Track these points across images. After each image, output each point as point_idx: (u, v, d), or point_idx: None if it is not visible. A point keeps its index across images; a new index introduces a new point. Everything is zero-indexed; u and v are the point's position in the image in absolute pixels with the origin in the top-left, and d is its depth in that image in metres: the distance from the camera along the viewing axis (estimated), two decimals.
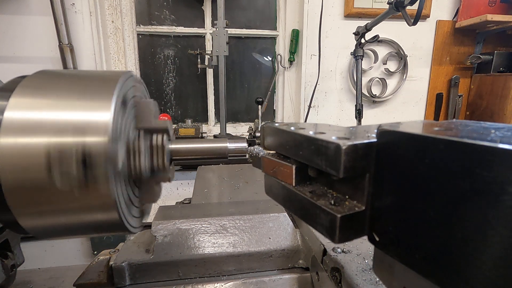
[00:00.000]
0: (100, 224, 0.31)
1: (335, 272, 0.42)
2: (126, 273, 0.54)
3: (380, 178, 0.22)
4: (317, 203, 0.24)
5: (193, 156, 0.41)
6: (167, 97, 2.45)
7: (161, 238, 0.56)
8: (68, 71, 0.36)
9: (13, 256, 0.56)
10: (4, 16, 1.92)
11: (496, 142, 0.15)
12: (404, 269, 0.22)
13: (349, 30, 2.04)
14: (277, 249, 0.58)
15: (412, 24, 1.45)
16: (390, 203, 0.21)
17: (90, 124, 0.27)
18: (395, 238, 0.21)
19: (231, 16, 2.32)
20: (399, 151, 0.20)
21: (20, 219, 0.28)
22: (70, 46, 1.93)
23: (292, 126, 0.29)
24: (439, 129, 0.19)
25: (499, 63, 2.28)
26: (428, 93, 2.51)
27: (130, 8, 2.23)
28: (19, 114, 0.27)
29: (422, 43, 2.43)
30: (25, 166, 0.26)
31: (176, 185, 2.31)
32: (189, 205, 0.78)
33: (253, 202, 0.70)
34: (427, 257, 0.18)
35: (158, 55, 2.37)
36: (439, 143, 0.17)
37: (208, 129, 2.51)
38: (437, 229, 0.17)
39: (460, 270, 0.16)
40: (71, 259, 2.25)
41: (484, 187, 0.15)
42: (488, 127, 0.20)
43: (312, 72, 2.34)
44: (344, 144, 0.21)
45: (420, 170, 0.18)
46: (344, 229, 0.22)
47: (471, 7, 2.28)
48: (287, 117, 2.57)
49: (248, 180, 1.09)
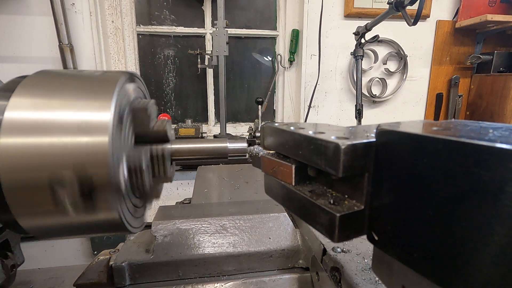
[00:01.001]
0: (100, 224, 0.31)
1: (335, 272, 0.42)
2: (126, 273, 0.54)
3: (379, 178, 0.22)
4: (316, 202, 0.24)
5: (193, 156, 0.41)
6: (167, 97, 2.45)
7: (161, 238, 0.56)
8: (68, 71, 0.36)
9: (13, 256, 0.56)
10: (4, 16, 1.92)
11: (494, 141, 0.15)
12: (403, 268, 0.22)
13: (349, 30, 2.04)
14: (277, 249, 0.58)
15: (412, 24, 1.45)
16: (389, 202, 0.21)
17: (90, 125, 0.27)
18: (394, 237, 0.21)
19: (231, 16, 2.32)
20: (398, 151, 0.20)
21: (20, 219, 0.28)
22: (70, 46, 1.93)
23: (291, 126, 0.29)
24: (437, 128, 0.19)
25: (499, 63, 2.28)
26: (428, 93, 2.51)
27: (130, 8, 2.23)
28: (19, 114, 0.27)
29: (422, 43, 2.43)
30: (25, 166, 0.26)
31: (176, 185, 2.32)
32: (189, 205, 0.78)
33: (253, 202, 0.70)
34: (426, 256, 0.18)
35: (158, 55, 2.37)
36: (438, 143, 0.17)
37: (208, 129, 2.51)
38: (436, 228, 0.17)
39: (458, 269, 0.16)
40: (71, 259, 2.26)
41: (482, 186, 0.15)
42: (486, 126, 0.20)
43: (312, 72, 2.34)
44: (343, 143, 0.21)
45: (419, 170, 0.18)
46: (343, 228, 0.22)
47: (471, 7, 2.28)
48: (287, 117, 2.57)
49: (248, 180, 1.09)
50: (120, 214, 0.30)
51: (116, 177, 0.29)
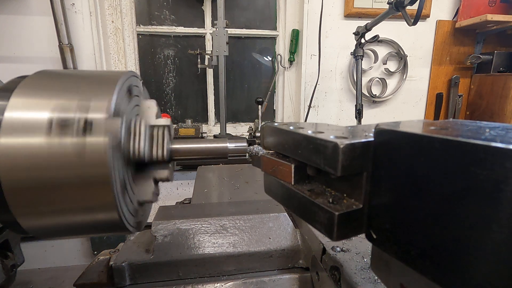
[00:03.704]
0: (100, 224, 0.31)
1: (334, 271, 0.42)
2: (126, 273, 0.54)
3: (377, 177, 0.22)
4: (315, 201, 0.24)
5: (193, 156, 0.41)
6: (167, 97, 2.45)
7: (161, 238, 0.56)
8: (68, 71, 0.36)
9: (13, 256, 0.56)
10: (4, 16, 1.92)
11: (491, 140, 0.15)
12: (401, 267, 0.22)
13: (349, 30, 2.04)
14: (277, 249, 0.58)
15: (412, 24, 1.45)
16: (387, 201, 0.21)
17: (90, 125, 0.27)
18: (392, 235, 0.21)
19: (231, 16, 2.32)
20: (396, 150, 0.20)
21: (20, 219, 0.28)
22: (70, 46, 1.93)
23: (291, 126, 0.29)
24: (435, 128, 0.20)
25: (499, 63, 2.28)
26: (428, 93, 2.51)
27: (130, 8, 2.23)
28: (19, 114, 0.27)
29: (422, 43, 2.43)
30: (25, 166, 0.26)
31: (176, 185, 2.32)
32: (189, 205, 0.78)
33: (253, 202, 0.70)
34: (423, 254, 0.18)
35: (158, 55, 2.37)
36: (435, 142, 0.17)
37: (208, 129, 2.51)
38: (434, 227, 0.18)
39: (456, 267, 0.17)
40: (71, 259, 2.25)
41: (479, 185, 0.15)
42: (483, 126, 0.20)
43: (312, 72, 2.34)
44: (342, 143, 0.21)
45: (417, 169, 0.18)
46: (342, 227, 0.22)
47: (471, 7, 2.28)
48: (287, 117, 2.57)
49: (248, 180, 1.09)
50: (120, 214, 0.30)
51: (116, 176, 0.29)
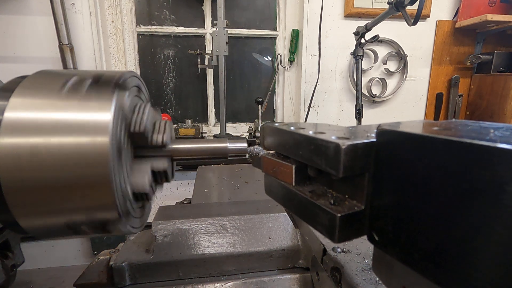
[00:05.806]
0: (100, 224, 0.31)
1: (335, 272, 0.42)
2: (126, 273, 0.54)
3: (379, 178, 0.22)
4: (316, 202, 0.24)
5: (193, 156, 0.41)
6: (167, 97, 2.45)
7: (161, 238, 0.56)
8: (68, 71, 0.36)
9: (13, 256, 0.56)
10: (4, 16, 1.92)
11: (495, 141, 0.15)
12: (403, 269, 0.22)
13: (349, 30, 2.04)
14: (277, 249, 0.58)
15: (412, 24, 1.45)
16: (389, 202, 0.21)
17: (91, 125, 0.27)
18: (394, 237, 0.21)
19: (231, 16, 2.32)
20: (398, 151, 0.20)
21: (20, 219, 0.28)
22: (70, 46, 1.93)
23: (292, 126, 0.29)
24: (438, 128, 0.19)
25: (499, 63, 2.28)
26: (428, 93, 2.51)
27: (130, 8, 2.23)
28: (19, 115, 0.27)
29: (422, 43, 2.43)
30: (25, 166, 0.26)
31: (176, 185, 2.32)
32: (189, 205, 0.78)
33: (253, 202, 0.70)
34: (426, 256, 0.18)
35: (158, 55, 2.37)
36: (438, 143, 0.17)
37: (208, 129, 2.51)
38: (436, 229, 0.17)
39: (459, 269, 0.16)
40: (71, 259, 2.25)
41: (482, 186, 0.15)
42: (487, 126, 0.20)
43: (312, 72, 2.34)
44: (344, 143, 0.21)
45: (419, 170, 0.18)
46: (343, 229, 0.22)
47: (471, 7, 2.27)
48: (287, 117, 2.57)
49: (248, 180, 1.09)
50: (120, 214, 0.30)
51: (116, 176, 0.29)
